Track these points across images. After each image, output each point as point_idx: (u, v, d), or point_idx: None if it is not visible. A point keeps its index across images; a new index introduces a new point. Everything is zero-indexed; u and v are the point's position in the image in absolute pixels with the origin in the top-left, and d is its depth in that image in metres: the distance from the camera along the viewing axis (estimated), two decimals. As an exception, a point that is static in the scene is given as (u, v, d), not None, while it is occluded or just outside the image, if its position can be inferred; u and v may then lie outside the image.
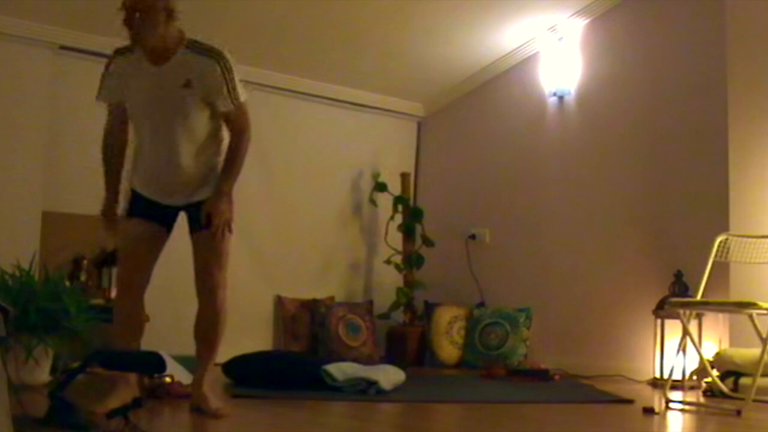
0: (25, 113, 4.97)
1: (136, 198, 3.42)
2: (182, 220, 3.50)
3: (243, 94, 3.34)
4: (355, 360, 5.01)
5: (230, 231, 3.44)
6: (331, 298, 6.15)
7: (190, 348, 5.05)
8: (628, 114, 5.65)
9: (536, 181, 6.13)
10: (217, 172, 3.38)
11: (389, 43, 5.95)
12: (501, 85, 6.41)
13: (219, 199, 3.36)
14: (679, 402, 4.14)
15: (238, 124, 3.35)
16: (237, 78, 3.32)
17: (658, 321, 5.09)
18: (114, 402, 3.08)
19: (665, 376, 4.58)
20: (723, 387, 4.26)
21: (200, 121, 3.30)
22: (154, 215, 3.40)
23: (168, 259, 5.59)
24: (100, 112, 3.71)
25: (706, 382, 4.49)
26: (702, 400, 4.34)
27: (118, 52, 3.37)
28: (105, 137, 3.48)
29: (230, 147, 3.36)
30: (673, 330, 4.95)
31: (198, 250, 3.41)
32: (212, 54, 3.28)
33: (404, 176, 6.52)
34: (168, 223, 3.45)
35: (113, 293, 5.21)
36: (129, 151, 3.48)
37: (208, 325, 3.42)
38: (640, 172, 5.55)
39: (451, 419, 3.77)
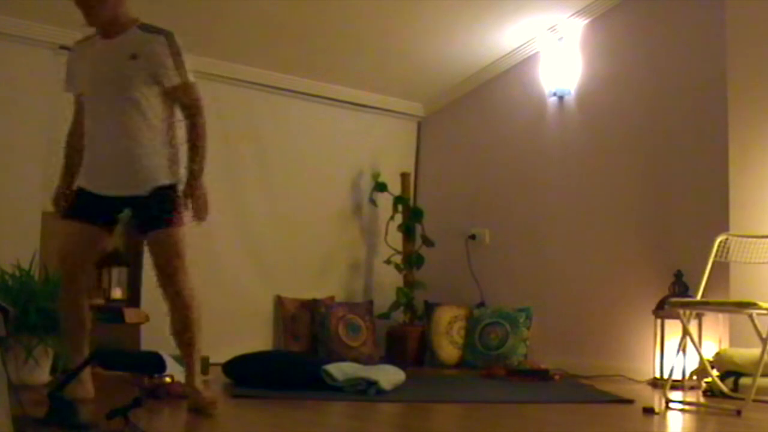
0: (25, 113, 4.97)
1: (78, 196, 3.41)
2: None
3: (191, 76, 3.35)
4: (355, 360, 5.01)
5: (207, 213, 3.39)
6: (331, 298, 6.16)
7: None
8: (628, 114, 5.65)
9: (536, 181, 6.13)
10: (166, 164, 3.34)
11: (389, 43, 5.95)
12: (501, 85, 6.41)
13: (195, 182, 3.33)
14: (679, 402, 4.14)
15: (189, 104, 3.35)
16: (186, 60, 3.33)
17: (658, 321, 5.09)
18: None
19: (665, 376, 4.58)
20: (723, 387, 4.25)
21: (147, 99, 3.29)
22: (94, 215, 3.37)
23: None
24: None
25: (706, 382, 4.49)
26: (702, 400, 4.34)
27: (78, 42, 3.47)
28: (69, 135, 3.52)
29: (188, 130, 3.34)
30: (673, 330, 4.95)
31: (157, 251, 3.35)
32: (162, 32, 3.33)
33: (404, 176, 6.52)
34: (108, 223, 3.42)
35: (113, 293, 5.24)
36: None
37: (182, 326, 3.39)
38: (640, 171, 5.55)
39: (451, 419, 3.77)
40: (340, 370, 4.26)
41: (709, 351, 4.75)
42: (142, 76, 3.28)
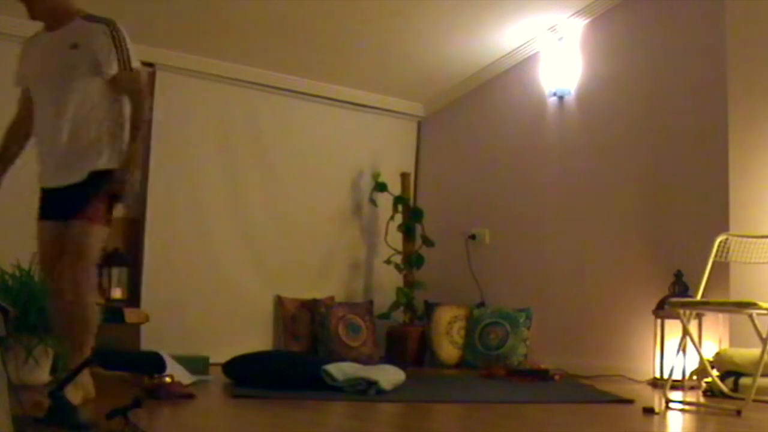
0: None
1: (41, 197, 3.40)
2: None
3: (136, 62, 3.31)
4: (355, 360, 5.01)
5: (107, 220, 3.29)
6: (331, 298, 6.15)
7: (190, 348, 5.08)
8: (627, 114, 5.65)
9: (536, 181, 6.13)
10: (106, 152, 3.29)
11: (389, 43, 5.95)
12: (501, 85, 6.41)
13: (125, 170, 3.26)
14: (679, 402, 4.14)
15: (131, 93, 3.30)
16: (130, 48, 3.29)
17: (658, 321, 5.09)
18: None
19: (665, 376, 4.58)
20: (723, 387, 4.25)
21: (89, 88, 3.27)
22: (56, 211, 3.33)
23: (167, 259, 5.62)
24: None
25: (706, 382, 4.49)
26: (702, 400, 4.34)
27: (28, 38, 3.48)
28: (7, 128, 3.49)
29: (129, 119, 3.31)
30: (673, 330, 4.95)
31: (65, 240, 3.28)
32: (104, 21, 3.30)
33: (404, 176, 6.52)
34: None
35: (113, 293, 5.24)
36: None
37: (68, 331, 3.31)
38: (640, 172, 5.55)
39: (451, 419, 3.77)
40: (340, 370, 4.26)
41: (709, 351, 4.75)
42: (84, 66, 3.26)
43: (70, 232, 3.25)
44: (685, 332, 4.06)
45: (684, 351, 4.42)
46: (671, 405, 4.00)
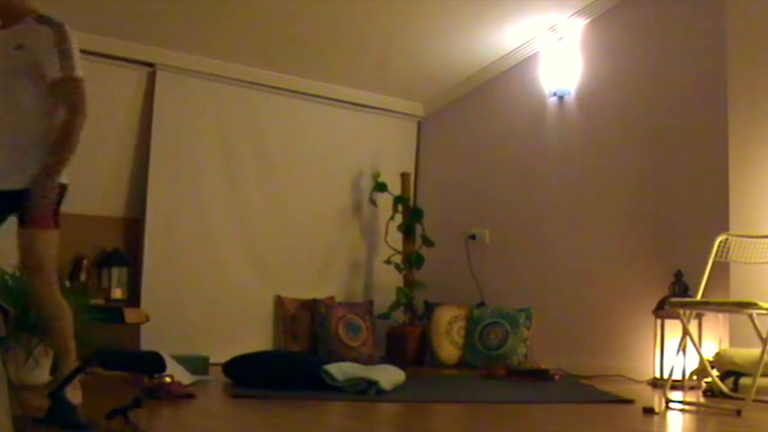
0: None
1: None
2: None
3: (79, 70, 3.18)
4: (355, 360, 5.01)
5: (56, 223, 3.17)
6: (331, 298, 6.15)
7: (190, 348, 5.08)
8: (627, 114, 5.65)
9: (536, 181, 6.14)
10: (45, 158, 3.15)
11: (389, 43, 5.95)
12: (501, 85, 6.41)
13: (45, 178, 3.10)
14: (679, 402, 4.14)
15: (70, 99, 3.16)
16: (75, 53, 3.17)
17: (658, 321, 5.09)
18: None
19: (665, 376, 4.58)
20: (723, 387, 4.25)
21: (30, 91, 3.17)
22: None
23: (167, 259, 5.62)
24: (100, 110, 3.72)
25: (706, 382, 4.49)
26: (702, 400, 4.34)
27: None
28: None
29: (61, 124, 3.15)
30: (673, 330, 4.95)
31: (19, 248, 3.17)
32: (51, 23, 3.20)
33: (404, 176, 6.52)
34: None
35: (113, 293, 5.24)
36: None
37: (50, 334, 3.26)
38: (640, 171, 5.55)
39: (451, 419, 3.77)
40: (340, 370, 4.27)
41: (709, 351, 4.75)
42: (25, 68, 3.17)
43: (21, 241, 3.16)
44: (685, 332, 4.06)
45: (684, 351, 4.42)
46: (671, 405, 4.00)
